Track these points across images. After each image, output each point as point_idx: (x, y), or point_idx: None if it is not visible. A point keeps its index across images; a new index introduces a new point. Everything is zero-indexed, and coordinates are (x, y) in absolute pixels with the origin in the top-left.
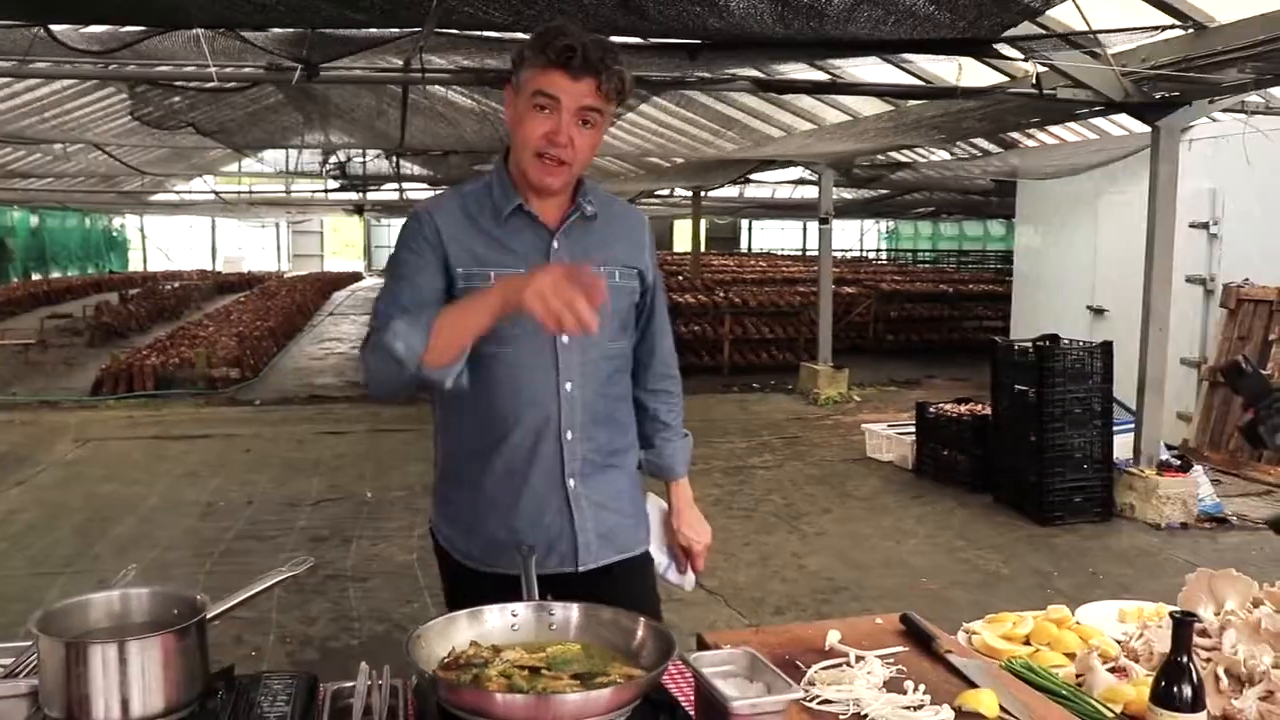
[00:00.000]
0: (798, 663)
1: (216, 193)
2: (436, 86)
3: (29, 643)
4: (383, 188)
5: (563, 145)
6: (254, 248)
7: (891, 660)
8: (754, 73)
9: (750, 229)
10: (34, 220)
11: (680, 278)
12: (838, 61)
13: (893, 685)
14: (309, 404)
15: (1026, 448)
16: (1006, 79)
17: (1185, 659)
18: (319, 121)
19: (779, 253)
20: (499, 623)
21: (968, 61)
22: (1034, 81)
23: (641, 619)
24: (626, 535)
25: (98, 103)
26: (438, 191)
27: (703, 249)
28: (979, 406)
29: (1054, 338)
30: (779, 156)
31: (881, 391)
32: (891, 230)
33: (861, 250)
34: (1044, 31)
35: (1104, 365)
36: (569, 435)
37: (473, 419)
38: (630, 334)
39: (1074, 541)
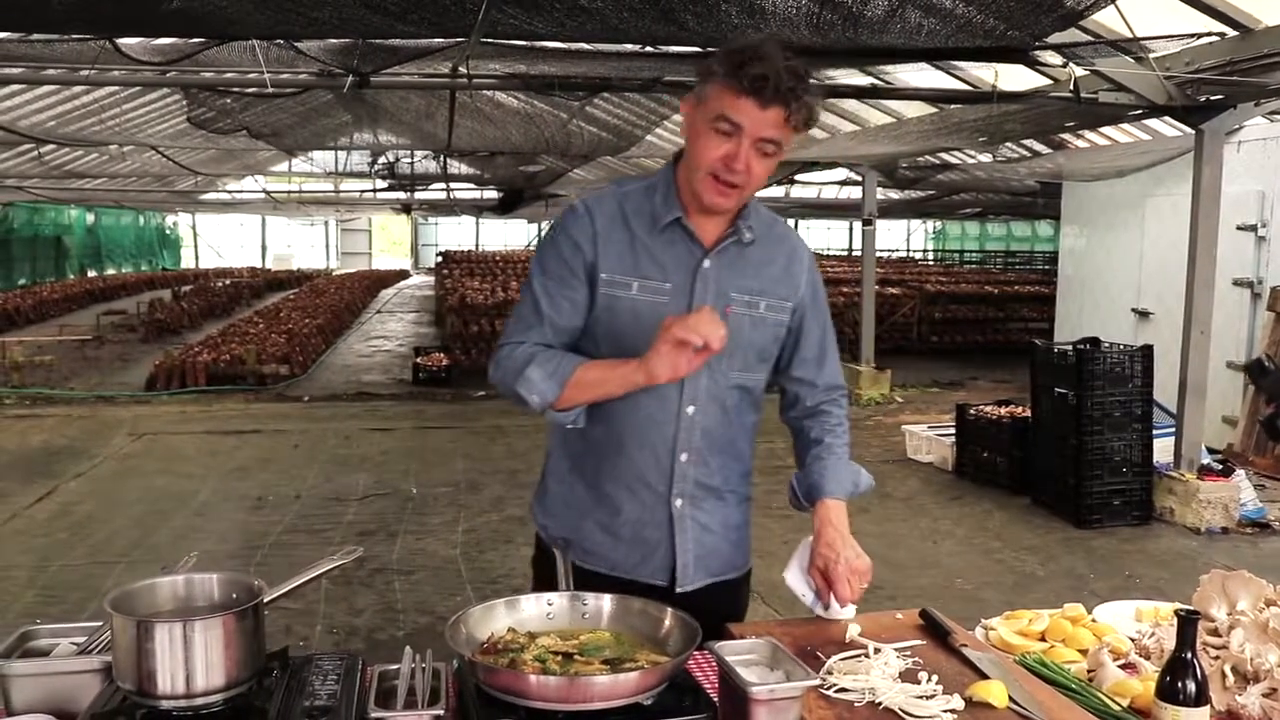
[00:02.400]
0: (818, 653)
1: (267, 191)
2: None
3: (99, 623)
4: (430, 187)
5: (740, 171)
6: (303, 245)
7: (908, 652)
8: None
9: (796, 229)
10: (90, 218)
11: None
12: (886, 66)
13: (908, 676)
14: (356, 401)
15: (1066, 451)
16: (1049, 83)
17: (1190, 655)
18: (368, 123)
19: (824, 253)
20: (535, 611)
21: (1010, 66)
22: (1072, 87)
23: (669, 609)
24: (722, 560)
25: (152, 106)
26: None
27: None
28: (1019, 409)
29: (1094, 341)
30: (823, 158)
31: (924, 393)
32: (938, 231)
33: (908, 251)
34: (1087, 37)
35: (1144, 369)
36: (683, 457)
37: (591, 421)
38: (767, 366)
39: (1111, 544)
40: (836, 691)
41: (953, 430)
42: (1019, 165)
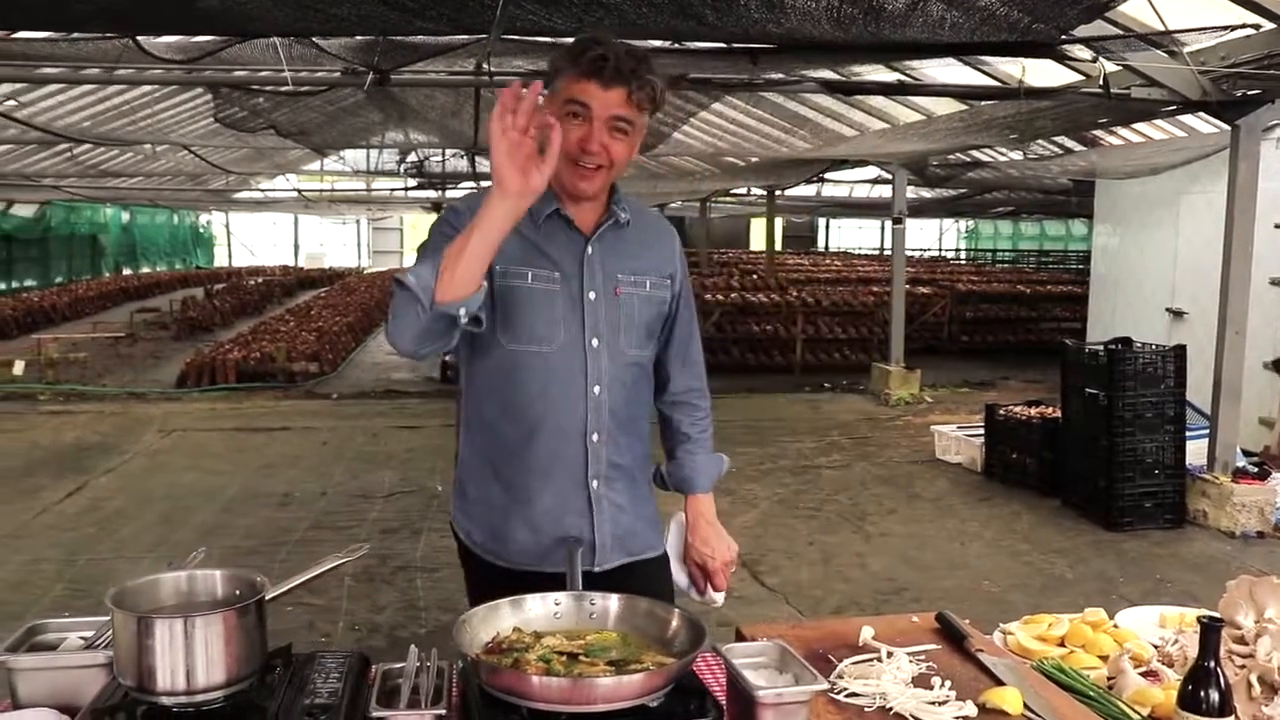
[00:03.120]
0: (830, 657)
1: (299, 190)
2: None
3: (107, 619)
4: (460, 185)
5: (595, 152)
6: (335, 244)
7: (923, 657)
8: (826, 74)
9: (828, 228)
10: (125, 217)
11: (754, 277)
12: (913, 62)
13: (921, 681)
14: (384, 398)
15: (1096, 452)
16: (1080, 78)
17: (1213, 664)
18: (395, 121)
19: (856, 252)
20: (541, 611)
21: (1039, 61)
22: (1101, 82)
23: (676, 610)
24: (639, 540)
25: (184, 105)
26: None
27: (779, 248)
28: (1049, 409)
29: (1126, 341)
30: (851, 156)
31: (954, 393)
32: (971, 230)
33: (940, 250)
34: (1117, 31)
35: (1177, 369)
36: (594, 438)
37: (500, 416)
38: (655, 343)
39: (1143, 548)
40: (846, 696)
41: (982, 431)
42: (1051, 163)
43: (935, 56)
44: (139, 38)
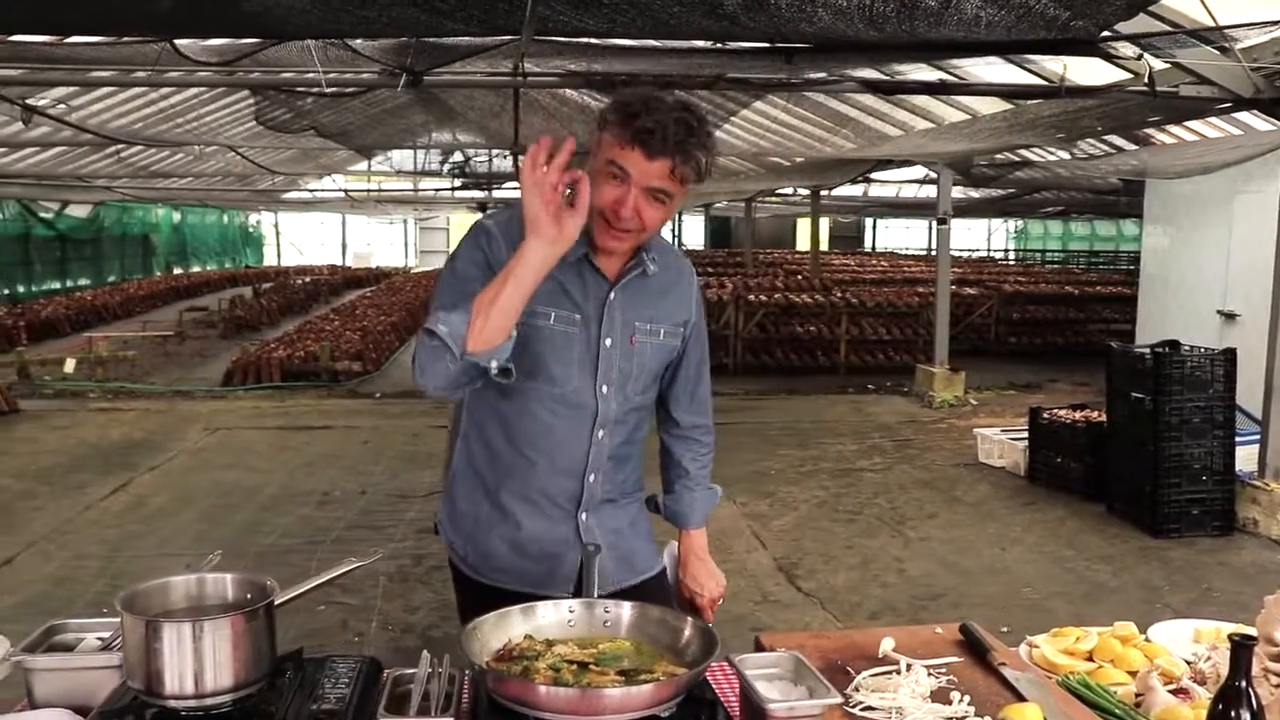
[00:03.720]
0: (849, 668)
1: (345, 191)
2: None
3: None
4: (505, 185)
5: (628, 218)
6: (382, 243)
7: (944, 670)
8: (870, 73)
9: (874, 228)
10: (176, 217)
11: (799, 277)
12: (957, 61)
13: (940, 695)
14: (425, 398)
15: (1142, 457)
16: (1128, 77)
17: (1244, 683)
18: (435, 122)
19: (902, 252)
20: (554, 618)
21: (1087, 59)
22: (1147, 80)
23: (689, 619)
24: (642, 557)
25: (229, 108)
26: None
27: (826, 248)
28: (1095, 413)
29: (1174, 344)
30: (895, 156)
31: (1000, 395)
32: (1020, 230)
33: (989, 250)
34: (1165, 27)
35: (1226, 373)
36: (592, 478)
37: (502, 441)
38: (658, 385)
39: (1189, 556)
40: (862, 710)
41: (1026, 434)
42: (1100, 162)
43: (973, 55)
44: (176, 41)
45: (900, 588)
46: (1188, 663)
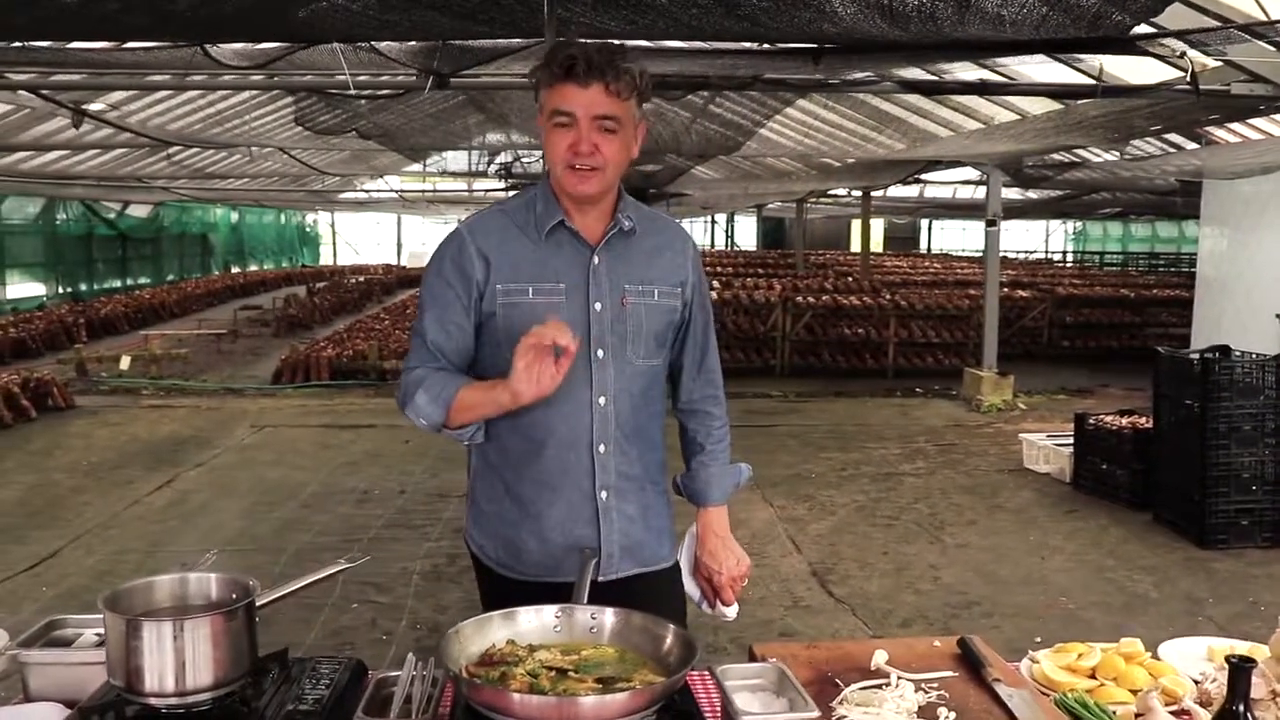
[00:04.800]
0: (838, 680)
1: (397, 192)
2: None
3: None
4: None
5: (586, 154)
6: (437, 242)
7: (936, 685)
8: (916, 72)
9: (930, 229)
10: (234, 217)
11: (849, 279)
12: (1002, 60)
13: (927, 711)
14: None
15: (1189, 465)
16: (1179, 74)
17: (1242, 708)
18: (490, 124)
19: (958, 253)
20: (535, 623)
21: (1141, 59)
22: (1190, 78)
23: (671, 626)
24: (649, 550)
25: (279, 111)
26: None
27: (881, 249)
28: (1142, 419)
29: (1224, 349)
30: (944, 156)
31: (1050, 400)
32: (1078, 231)
33: (1046, 252)
34: (1214, 23)
35: (1278, 380)
36: (601, 449)
37: (508, 430)
38: (666, 352)
39: (1236, 568)
40: None
41: (1072, 440)
42: (1156, 162)
43: (1002, 54)
44: (207, 45)
45: (934, 595)
46: (1195, 682)
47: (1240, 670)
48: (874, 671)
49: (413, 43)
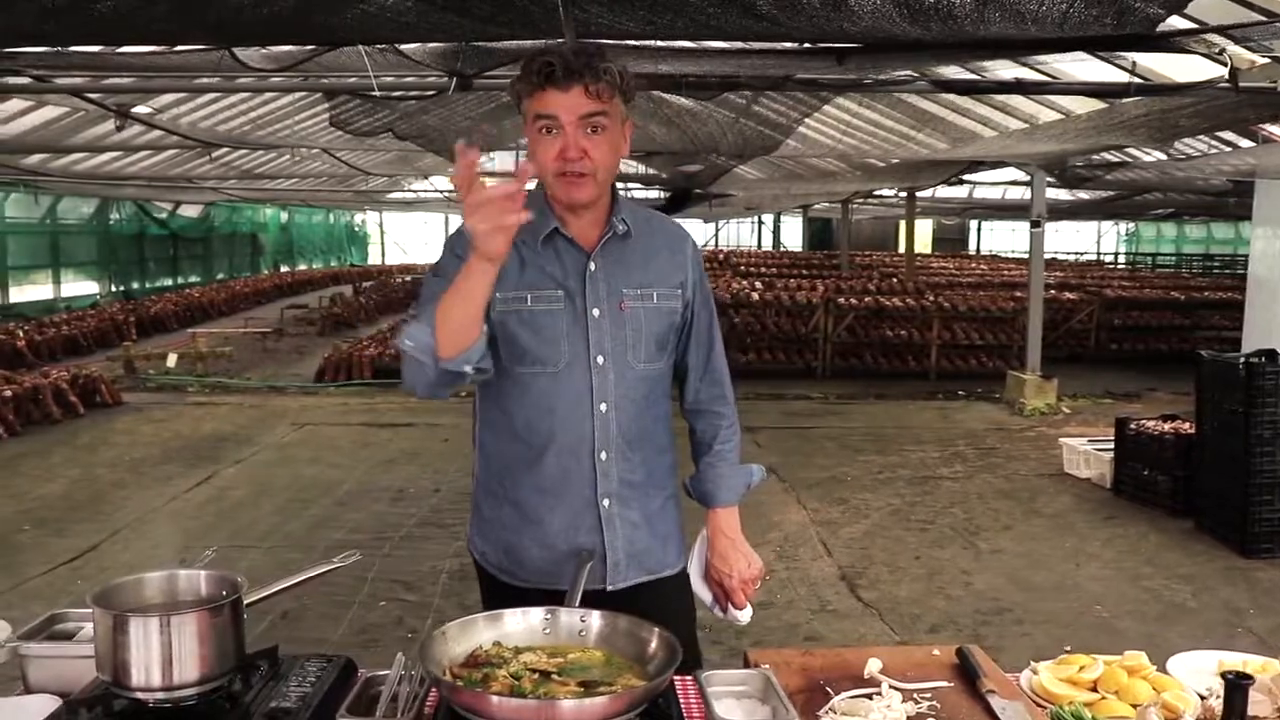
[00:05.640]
0: (829, 688)
1: (444, 192)
2: None
3: None
4: None
5: (575, 159)
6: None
7: (928, 694)
8: (955, 70)
9: (979, 230)
10: (284, 216)
11: (893, 280)
12: (1042, 58)
13: None
14: None
15: (1233, 471)
16: (1222, 72)
17: None
18: (514, 126)
19: (1006, 255)
20: (520, 625)
21: (1188, 56)
22: (1229, 75)
23: (656, 630)
24: (655, 557)
25: (317, 115)
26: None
27: (928, 250)
28: (1185, 424)
29: (1270, 353)
30: (986, 157)
31: (1096, 404)
32: (1131, 233)
33: (1098, 254)
34: (1259, 17)
35: None
36: (603, 456)
37: (509, 436)
38: (669, 355)
39: (1279, 578)
40: None
41: (1112, 444)
42: (1206, 161)
43: (1029, 53)
44: (234, 48)
45: (964, 601)
46: (1201, 698)
47: (1236, 687)
48: (867, 680)
49: (435, 45)
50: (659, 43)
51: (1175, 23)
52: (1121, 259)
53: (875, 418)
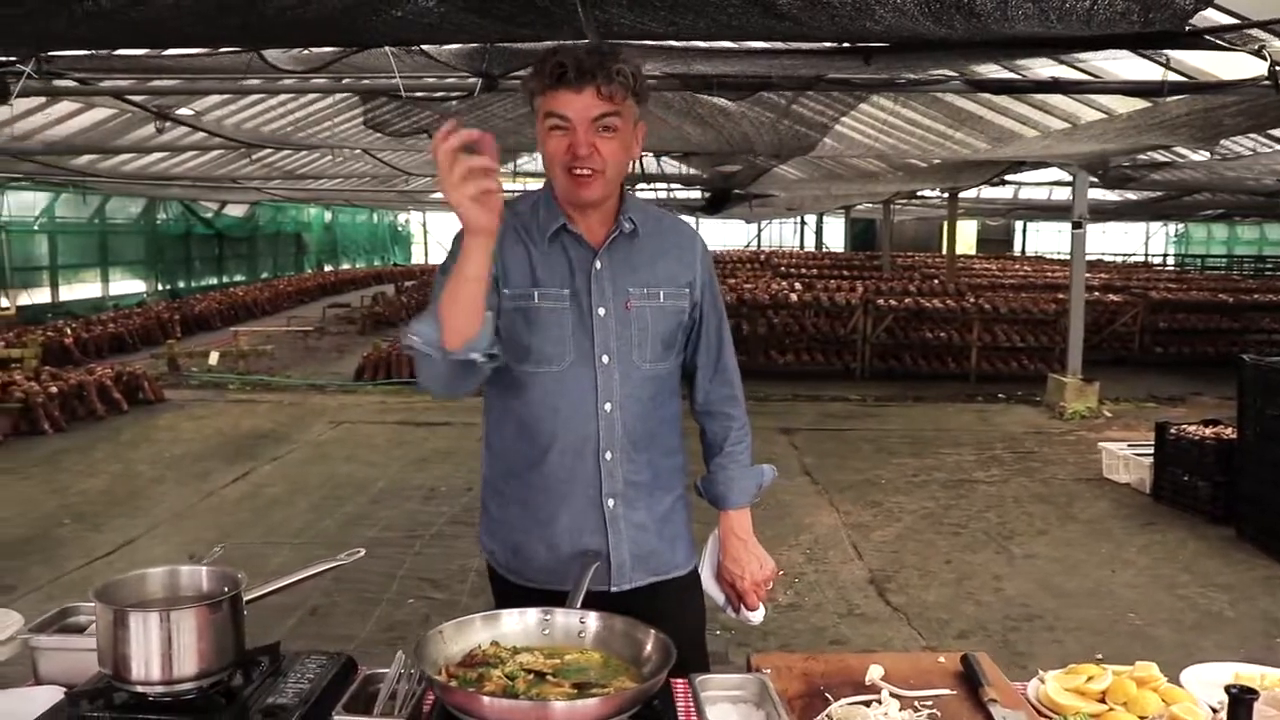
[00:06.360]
0: (828, 694)
1: None
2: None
3: None
4: (636, 187)
5: (585, 156)
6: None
7: (930, 702)
8: (992, 69)
9: (1025, 231)
10: (327, 216)
11: (935, 281)
12: (1082, 55)
13: None
14: None
15: (1275, 478)
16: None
17: None
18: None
19: (1052, 256)
20: (517, 626)
21: (1234, 54)
22: (1268, 73)
23: (652, 631)
24: (662, 559)
25: (357, 115)
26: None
27: (973, 251)
28: (1227, 429)
29: None
30: (1026, 157)
31: (1139, 407)
32: (1181, 234)
33: (1146, 255)
34: None
35: None
36: (608, 455)
37: (514, 435)
38: (676, 355)
39: None
40: None
41: (1152, 449)
42: (1256, 160)
43: (1060, 51)
44: (262, 50)
45: (994, 607)
46: (1214, 710)
47: (1240, 702)
48: (868, 687)
49: (461, 46)
50: (686, 43)
51: (1215, 18)
52: (1170, 261)
53: (913, 420)
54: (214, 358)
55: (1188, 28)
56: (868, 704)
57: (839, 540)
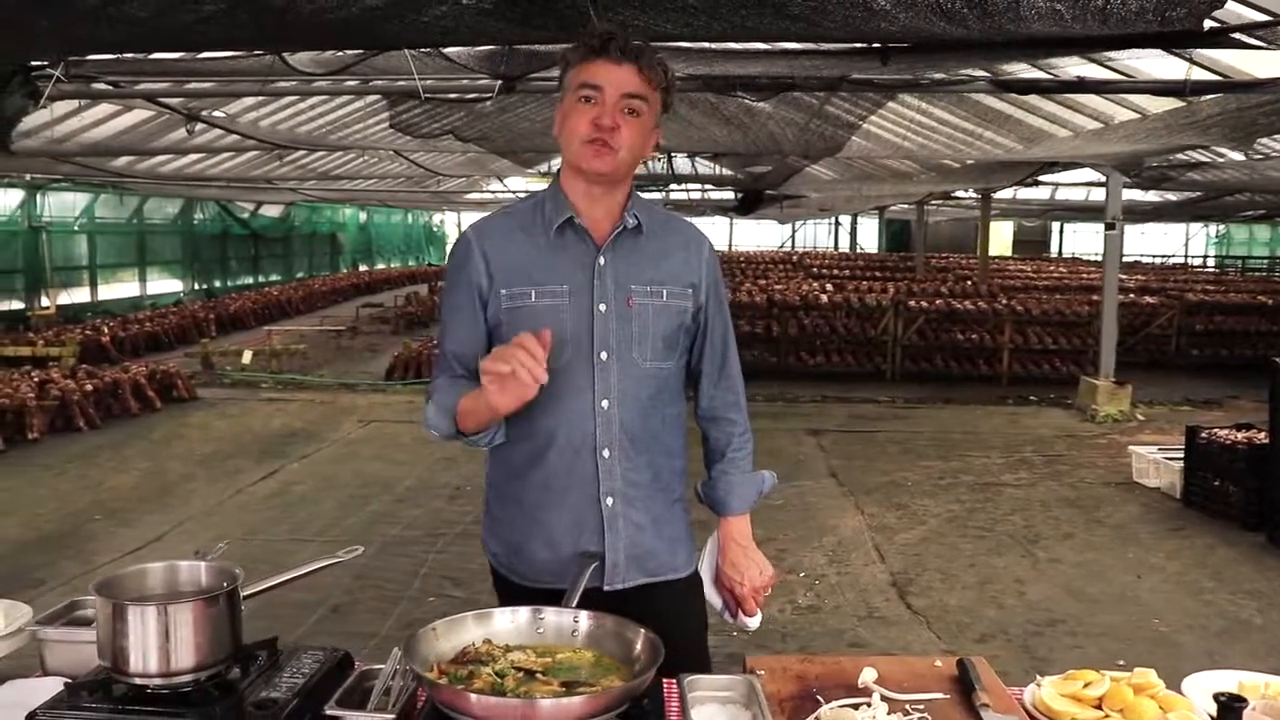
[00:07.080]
0: (819, 696)
1: (517, 194)
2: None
3: None
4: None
5: (608, 129)
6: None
7: (921, 706)
8: (1023, 68)
9: (1061, 232)
10: (362, 216)
11: (968, 283)
12: (1111, 54)
13: None
14: None
15: None
16: None
17: None
18: None
19: (1089, 257)
20: (509, 624)
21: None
22: None
23: (642, 631)
24: (659, 560)
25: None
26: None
27: (1009, 253)
28: (1260, 434)
29: None
30: (1057, 158)
31: (1173, 411)
32: (1222, 235)
33: (1185, 257)
34: None
35: None
36: (606, 453)
37: (515, 434)
38: (679, 356)
39: None
40: None
41: (1183, 453)
42: None
43: (1081, 51)
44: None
45: (1017, 611)
46: (1212, 718)
47: (1229, 710)
48: (860, 690)
49: (479, 49)
50: (708, 45)
51: (1246, 14)
52: (1210, 262)
53: (942, 422)
54: (247, 356)
55: (1214, 25)
56: (857, 707)
57: (862, 542)
